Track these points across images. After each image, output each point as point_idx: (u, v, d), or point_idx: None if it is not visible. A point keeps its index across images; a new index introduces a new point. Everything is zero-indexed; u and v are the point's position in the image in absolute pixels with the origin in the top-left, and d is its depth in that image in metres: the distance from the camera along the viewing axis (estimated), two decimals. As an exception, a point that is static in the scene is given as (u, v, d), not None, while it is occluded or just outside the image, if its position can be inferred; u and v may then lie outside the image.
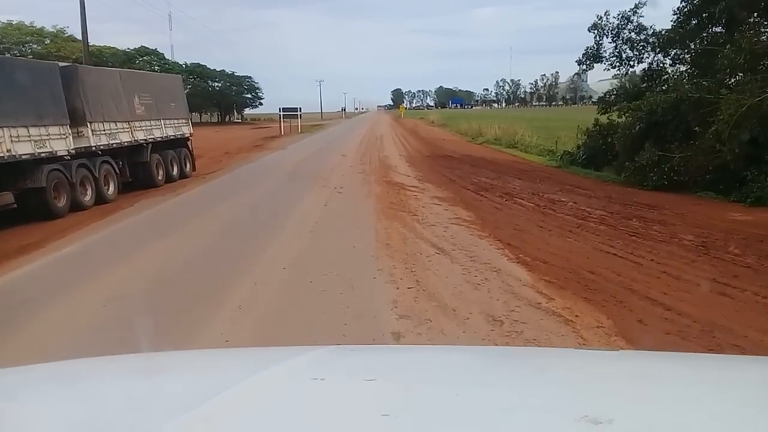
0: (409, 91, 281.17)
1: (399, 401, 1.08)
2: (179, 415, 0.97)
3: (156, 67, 79.18)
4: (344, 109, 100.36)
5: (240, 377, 1.22)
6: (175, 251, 7.96)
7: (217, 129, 61.65)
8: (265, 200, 12.73)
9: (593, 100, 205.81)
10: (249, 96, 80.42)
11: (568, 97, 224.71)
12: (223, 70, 79.34)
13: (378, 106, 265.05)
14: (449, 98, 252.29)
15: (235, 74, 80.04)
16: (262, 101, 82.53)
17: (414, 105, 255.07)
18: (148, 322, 4.66)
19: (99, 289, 6.13)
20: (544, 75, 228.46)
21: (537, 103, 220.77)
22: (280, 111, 41.72)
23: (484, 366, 1.46)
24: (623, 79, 19.41)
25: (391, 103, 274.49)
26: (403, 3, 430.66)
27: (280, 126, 41.15)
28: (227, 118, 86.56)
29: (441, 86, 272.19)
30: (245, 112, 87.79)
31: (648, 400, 1.10)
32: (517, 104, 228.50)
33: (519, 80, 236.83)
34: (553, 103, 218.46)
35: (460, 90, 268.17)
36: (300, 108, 41.52)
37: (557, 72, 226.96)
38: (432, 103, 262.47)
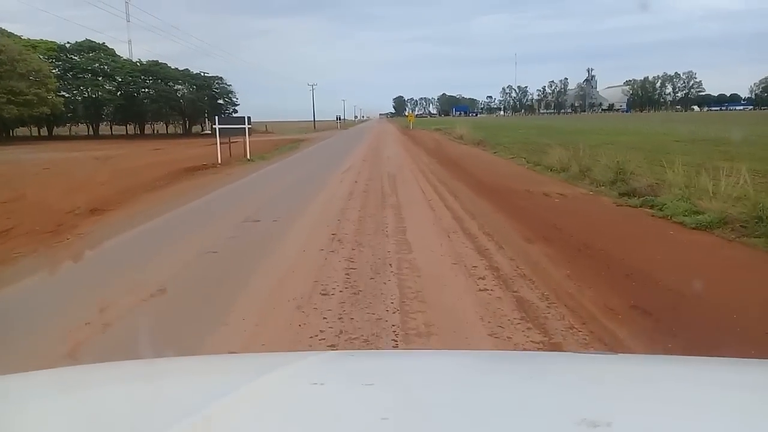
0: (411, 99, 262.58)
1: (398, 405, 1.05)
2: (179, 421, 0.94)
3: (104, 66, 61.15)
4: (339, 118, 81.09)
5: (240, 382, 1.18)
6: None
7: (162, 146, 43.18)
8: None
9: (603, 107, 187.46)
10: (221, 102, 62.10)
11: (576, 104, 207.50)
12: (187, 69, 61.06)
13: (380, 114, 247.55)
14: (452, 106, 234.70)
15: (203, 75, 61.71)
16: (236, 108, 64.23)
17: (417, 113, 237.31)
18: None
19: None
20: (553, 81, 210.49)
21: (545, 111, 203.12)
22: (216, 126, 23.27)
23: (482, 370, 1.42)
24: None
25: (393, 111, 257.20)
26: (404, 11, 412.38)
27: (218, 150, 22.85)
28: (199, 128, 68.10)
29: (444, 93, 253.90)
30: (221, 122, 69.68)
31: (646, 403, 1.06)
32: (523, 111, 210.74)
33: (526, 87, 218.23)
34: (562, 110, 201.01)
35: (463, 97, 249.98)
36: (248, 118, 22.99)
37: (566, 78, 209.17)
38: (435, 111, 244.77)
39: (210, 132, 66.68)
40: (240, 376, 1.31)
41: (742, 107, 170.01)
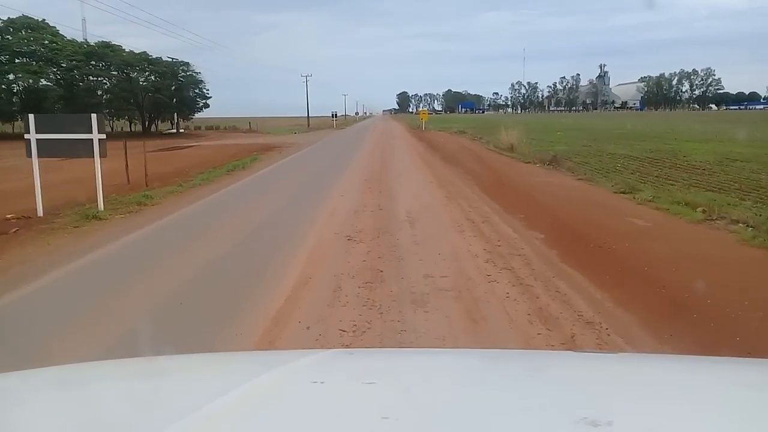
0: (416, 95, 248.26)
1: (399, 404, 1.02)
2: (180, 419, 0.92)
3: (41, 48, 48.13)
4: (335, 115, 66.75)
5: (240, 381, 1.15)
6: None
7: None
8: None
9: (616, 105, 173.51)
10: (189, 94, 48.87)
11: (588, 102, 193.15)
12: (144, 52, 47.69)
13: (383, 111, 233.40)
14: (458, 102, 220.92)
15: (165, 59, 48.41)
16: (207, 102, 51.08)
17: (421, 109, 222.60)
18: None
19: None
20: (564, 77, 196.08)
21: (554, 108, 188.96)
22: (30, 135, 10.26)
23: (483, 368, 1.38)
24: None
25: (397, 107, 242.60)
26: (408, 7, 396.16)
27: (36, 185, 9.98)
28: (168, 125, 54.86)
29: (449, 89, 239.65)
30: (196, 117, 56.20)
31: (647, 403, 1.04)
32: (532, 109, 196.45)
33: (536, 83, 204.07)
34: (573, 108, 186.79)
35: (469, 94, 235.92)
36: (95, 117, 9.98)
37: (578, 74, 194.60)
38: (440, 108, 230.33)
39: (175, 131, 53.78)
40: (240, 375, 1.27)
41: (762, 106, 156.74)
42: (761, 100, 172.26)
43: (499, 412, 0.98)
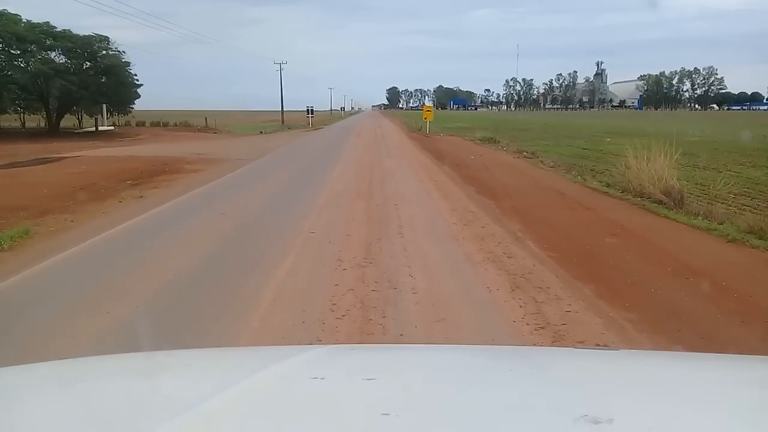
0: (406, 90, 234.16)
1: (399, 400, 0.99)
2: (179, 415, 0.89)
3: None
4: (311, 111, 52.08)
5: (240, 376, 1.11)
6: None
7: None
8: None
9: (614, 103, 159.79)
10: (113, 80, 35.34)
11: (585, 99, 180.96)
12: (47, 22, 33.95)
13: (372, 106, 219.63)
14: (449, 98, 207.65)
15: (77, 34, 34.73)
16: (137, 90, 37.55)
17: (410, 105, 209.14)
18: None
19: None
20: (561, 74, 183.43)
21: (550, 106, 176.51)
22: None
23: (484, 365, 1.33)
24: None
25: (387, 103, 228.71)
26: (398, 3, 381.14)
27: None
28: (95, 120, 41.04)
29: (441, 85, 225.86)
30: (134, 109, 42.51)
31: (648, 400, 1.01)
32: (529, 106, 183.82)
33: (532, 80, 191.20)
34: (570, 106, 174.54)
35: (460, 90, 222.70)
36: None
37: (575, 71, 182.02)
38: (430, 104, 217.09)
39: (93, 129, 40.15)
40: (240, 370, 1.21)
41: (766, 107, 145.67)
42: (764, 101, 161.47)
43: (499, 409, 0.95)
